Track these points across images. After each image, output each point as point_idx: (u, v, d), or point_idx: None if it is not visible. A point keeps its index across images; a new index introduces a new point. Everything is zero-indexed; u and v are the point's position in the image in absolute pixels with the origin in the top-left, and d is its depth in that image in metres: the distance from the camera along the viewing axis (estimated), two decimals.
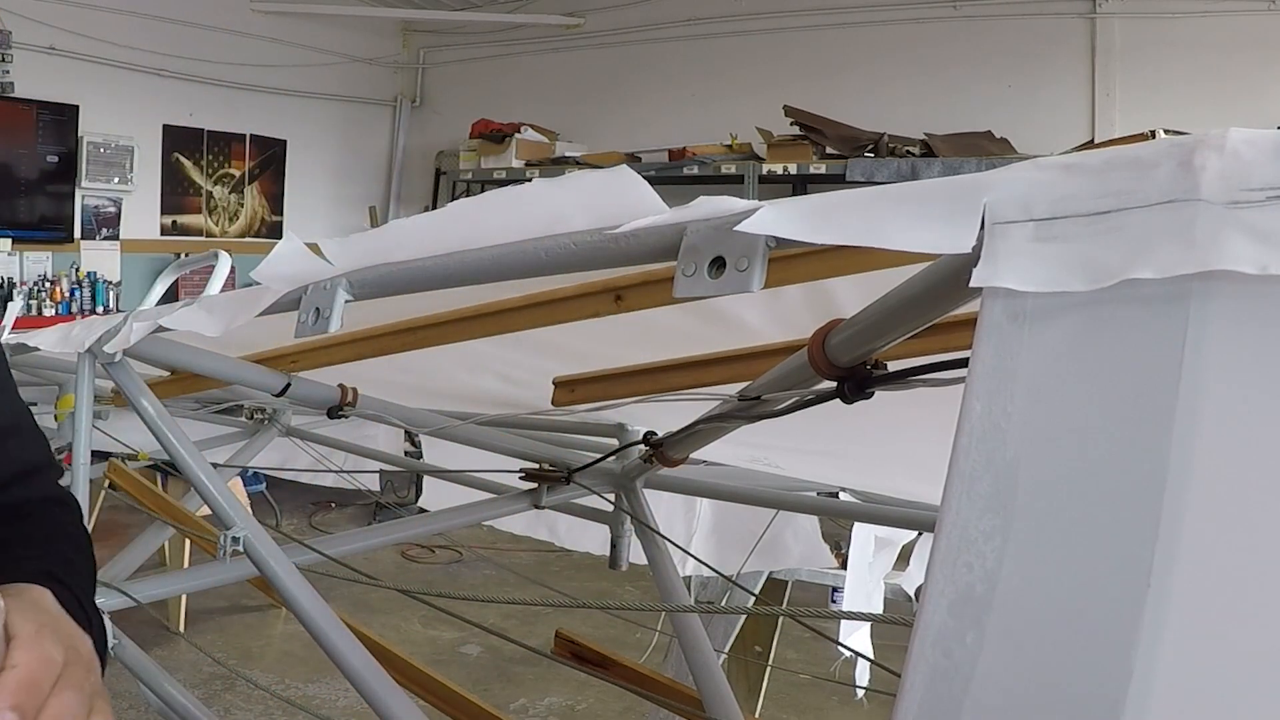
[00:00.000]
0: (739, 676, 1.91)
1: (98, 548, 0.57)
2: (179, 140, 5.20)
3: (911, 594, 1.90)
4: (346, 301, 0.54)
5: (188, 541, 2.62)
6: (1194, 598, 0.29)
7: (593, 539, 1.61)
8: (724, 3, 4.97)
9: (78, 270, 4.85)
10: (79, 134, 4.68)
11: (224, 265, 1.77)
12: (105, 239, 5.00)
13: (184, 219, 5.30)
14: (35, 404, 1.62)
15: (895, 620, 0.83)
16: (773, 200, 0.38)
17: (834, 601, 2.01)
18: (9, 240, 4.63)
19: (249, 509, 0.98)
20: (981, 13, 4.44)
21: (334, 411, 1.17)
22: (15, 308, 1.64)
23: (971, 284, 0.33)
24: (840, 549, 1.97)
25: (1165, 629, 0.29)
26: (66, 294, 4.76)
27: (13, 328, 1.48)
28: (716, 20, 4.94)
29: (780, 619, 1.93)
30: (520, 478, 1.17)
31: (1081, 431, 0.31)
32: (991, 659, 0.30)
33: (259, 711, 2.66)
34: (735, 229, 0.36)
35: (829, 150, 4.23)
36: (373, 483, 2.49)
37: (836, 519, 1.86)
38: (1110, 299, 0.31)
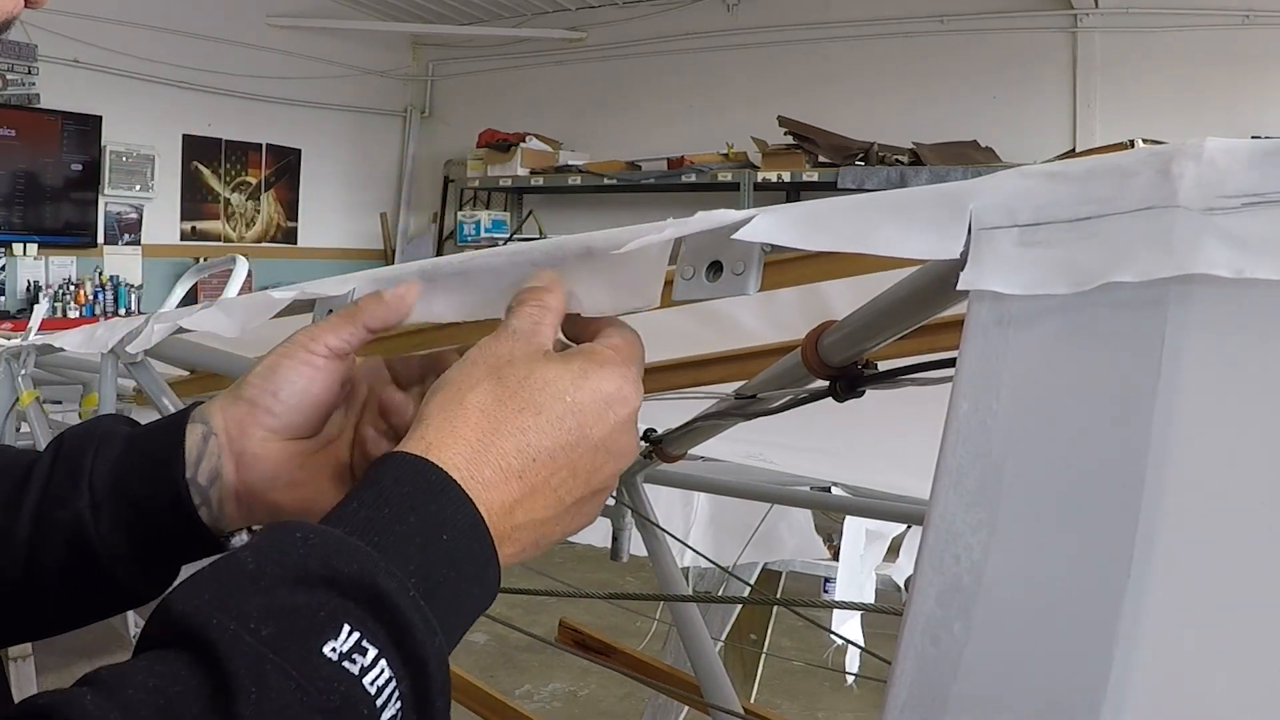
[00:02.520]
0: (735, 663, 1.92)
1: None
2: (198, 149, 5.28)
3: (901, 584, 1.92)
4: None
5: None
6: (1171, 589, 0.30)
7: (594, 532, 1.62)
8: (720, 18, 5.02)
9: (101, 274, 4.92)
10: (102, 143, 4.74)
11: (241, 269, 1.77)
12: (127, 244, 5.07)
13: (203, 225, 5.39)
14: (60, 402, 1.62)
15: (885, 610, 0.85)
16: (767, 208, 0.39)
17: (826, 592, 2.03)
18: (35, 245, 4.69)
19: None
20: (968, 27, 4.52)
21: None
22: (41, 310, 1.64)
23: (958, 287, 0.34)
24: (832, 541, 1.99)
25: (1144, 618, 0.30)
26: (90, 297, 4.82)
27: (39, 329, 1.49)
28: (713, 35, 4.99)
29: (775, 608, 1.94)
30: None
31: (1064, 429, 0.32)
32: (978, 646, 0.31)
33: None
34: (731, 237, 0.37)
35: (821, 159, 4.30)
36: None
37: (829, 512, 1.88)
38: (1091, 302, 0.32)
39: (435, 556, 0.30)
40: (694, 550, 1.47)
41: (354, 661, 0.26)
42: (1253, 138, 0.33)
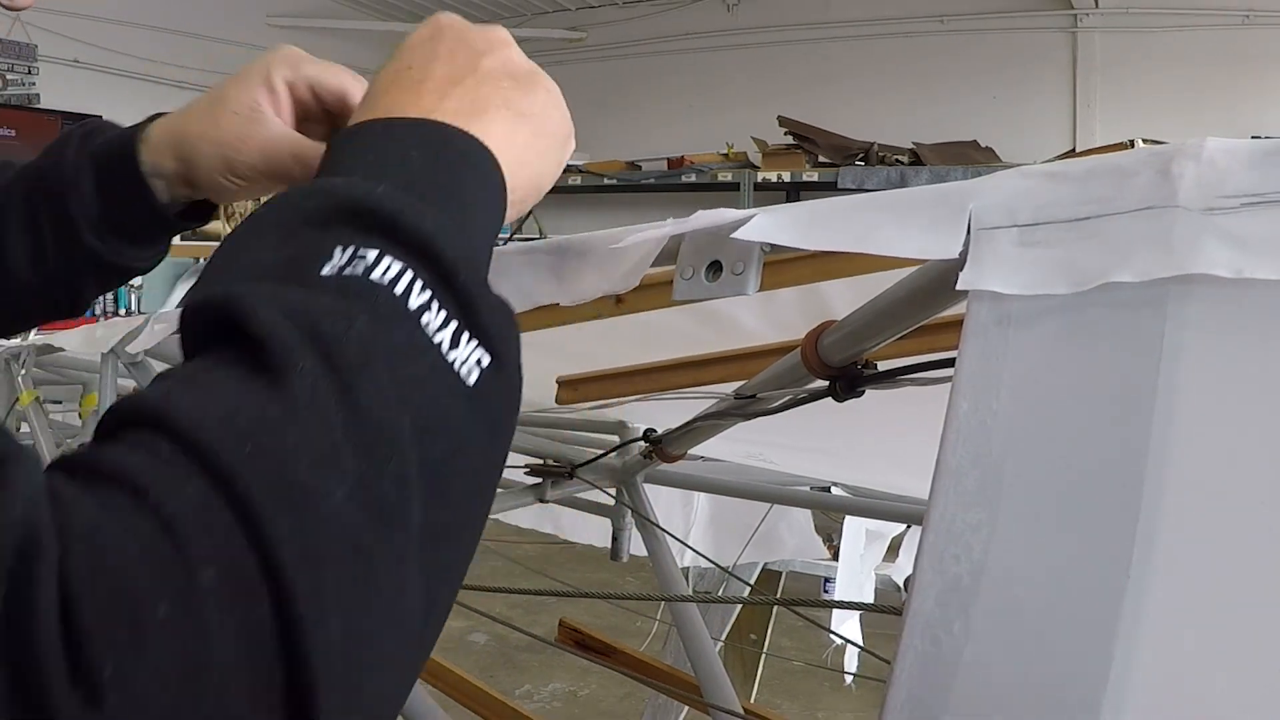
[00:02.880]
0: (735, 663, 1.92)
1: None
2: None
3: (901, 584, 1.92)
4: None
5: None
6: (1170, 588, 0.30)
7: (595, 532, 1.62)
8: (720, 18, 5.01)
9: None
10: None
11: None
12: None
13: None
14: (60, 402, 1.62)
15: (885, 609, 0.85)
16: (767, 207, 0.39)
17: (826, 591, 2.03)
18: None
19: None
20: (968, 27, 4.51)
21: None
22: None
23: (958, 287, 0.34)
24: (832, 541, 1.99)
25: (1143, 618, 0.30)
26: None
27: (39, 329, 1.49)
28: (713, 34, 4.98)
29: (774, 608, 1.94)
30: (525, 473, 1.18)
31: (1064, 428, 0.32)
32: (977, 646, 0.31)
33: None
34: (731, 236, 0.37)
35: (821, 159, 4.30)
36: None
37: (828, 512, 1.88)
38: (1091, 302, 0.32)
39: (415, 164, 0.30)
40: (694, 550, 1.47)
41: (354, 267, 0.26)
42: (1253, 138, 0.33)
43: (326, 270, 0.25)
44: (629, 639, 1.62)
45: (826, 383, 0.54)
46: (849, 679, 2.08)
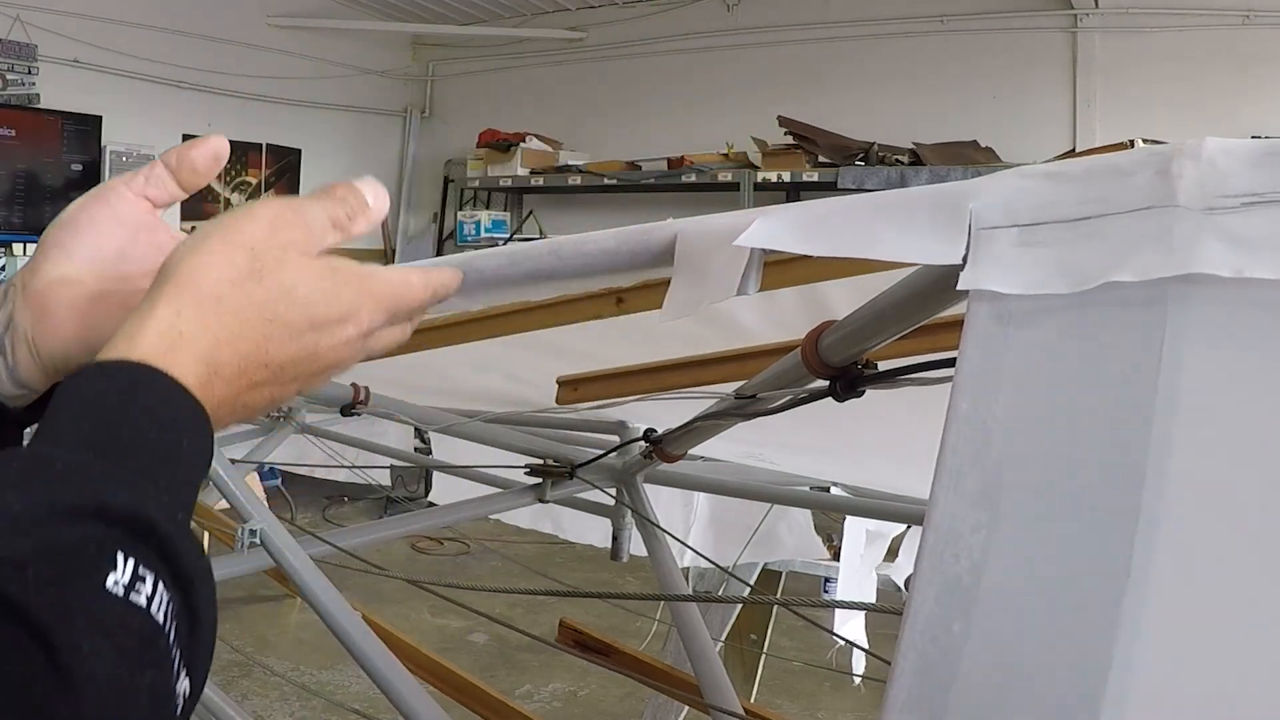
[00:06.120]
0: (735, 663, 1.92)
1: None
2: None
3: (901, 584, 1.92)
4: None
5: (207, 534, 2.66)
6: (1171, 588, 0.30)
7: (595, 532, 1.62)
8: (719, 18, 5.02)
9: None
10: (102, 144, 4.76)
11: None
12: None
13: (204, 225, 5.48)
14: None
15: (885, 609, 0.85)
16: (765, 210, 0.39)
17: (826, 591, 2.03)
18: (35, 245, 4.65)
19: (265, 503, 1.01)
20: (968, 27, 4.52)
21: (347, 409, 1.19)
22: None
23: (959, 287, 0.34)
24: (832, 541, 1.99)
25: (1144, 618, 0.30)
26: None
27: None
28: (712, 34, 4.99)
29: (774, 608, 1.94)
30: (525, 473, 1.18)
31: (1064, 428, 0.32)
32: (977, 646, 0.31)
33: (275, 697, 2.69)
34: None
35: (821, 159, 4.30)
36: (384, 478, 2.51)
37: (828, 512, 1.88)
38: (1091, 301, 0.32)
39: (181, 474, 0.31)
40: (694, 550, 1.47)
41: (139, 592, 0.25)
42: (1253, 138, 0.33)
43: (110, 584, 0.25)
44: (629, 639, 1.62)
45: (826, 383, 0.53)
46: (857, 680, 2.07)
